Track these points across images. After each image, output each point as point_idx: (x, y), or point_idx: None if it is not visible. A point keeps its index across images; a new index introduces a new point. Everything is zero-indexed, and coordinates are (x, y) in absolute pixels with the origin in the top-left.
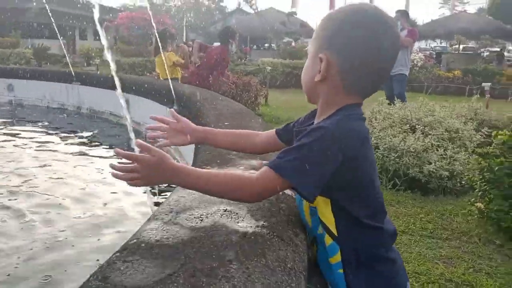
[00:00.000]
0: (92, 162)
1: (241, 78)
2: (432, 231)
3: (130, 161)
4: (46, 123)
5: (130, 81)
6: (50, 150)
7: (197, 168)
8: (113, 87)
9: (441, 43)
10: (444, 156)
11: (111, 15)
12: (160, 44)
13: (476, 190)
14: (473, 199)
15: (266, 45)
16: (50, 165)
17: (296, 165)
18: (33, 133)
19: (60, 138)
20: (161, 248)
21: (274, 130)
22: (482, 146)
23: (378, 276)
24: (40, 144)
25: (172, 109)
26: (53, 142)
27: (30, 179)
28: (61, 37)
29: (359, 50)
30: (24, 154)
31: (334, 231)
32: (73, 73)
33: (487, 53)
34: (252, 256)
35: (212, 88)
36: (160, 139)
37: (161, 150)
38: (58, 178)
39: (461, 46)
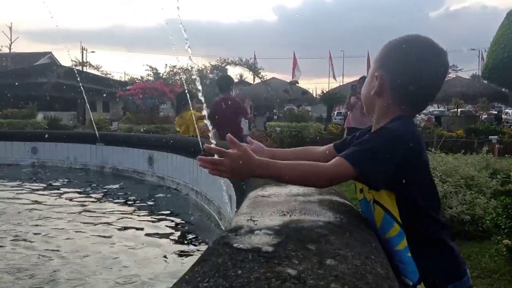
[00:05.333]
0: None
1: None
2: None
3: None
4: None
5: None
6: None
7: (276, 160)
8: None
9: (438, 107)
10: (463, 201)
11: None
12: (181, 104)
13: (502, 227)
14: (499, 237)
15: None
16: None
17: (365, 157)
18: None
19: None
20: (260, 229)
21: (333, 144)
22: (499, 193)
23: (440, 257)
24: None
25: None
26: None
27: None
28: (72, 109)
29: (406, 71)
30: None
31: (399, 220)
32: (97, 134)
33: (485, 116)
34: (342, 234)
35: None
36: None
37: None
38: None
39: (459, 110)
